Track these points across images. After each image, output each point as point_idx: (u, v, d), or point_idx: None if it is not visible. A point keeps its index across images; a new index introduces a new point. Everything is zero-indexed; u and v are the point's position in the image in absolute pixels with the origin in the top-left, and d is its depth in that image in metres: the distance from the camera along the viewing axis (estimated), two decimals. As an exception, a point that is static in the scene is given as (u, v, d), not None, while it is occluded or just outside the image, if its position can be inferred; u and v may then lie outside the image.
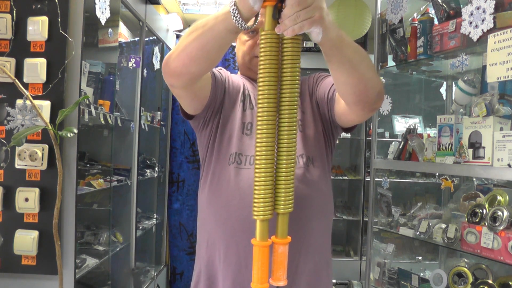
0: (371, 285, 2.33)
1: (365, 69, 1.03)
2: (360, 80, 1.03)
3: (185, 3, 3.80)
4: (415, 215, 2.14)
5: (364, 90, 1.04)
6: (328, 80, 1.25)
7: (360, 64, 1.02)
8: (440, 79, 2.56)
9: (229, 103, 1.25)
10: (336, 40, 0.98)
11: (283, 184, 0.94)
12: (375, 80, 1.06)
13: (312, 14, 0.87)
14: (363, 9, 3.24)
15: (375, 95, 1.06)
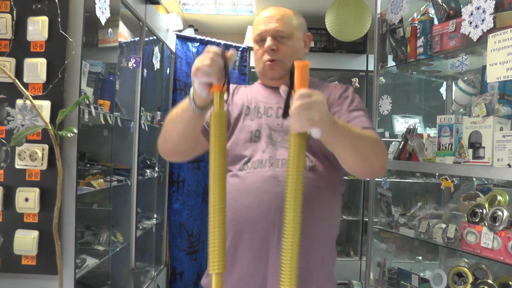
0: (371, 285, 2.33)
1: (368, 154, 1.14)
2: (362, 163, 1.14)
3: (185, 3, 3.80)
4: (415, 215, 2.14)
5: (365, 170, 1.16)
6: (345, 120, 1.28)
7: (362, 150, 1.12)
8: (440, 79, 2.56)
9: (234, 124, 1.35)
10: (335, 136, 1.07)
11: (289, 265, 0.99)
12: (378, 161, 1.17)
13: (312, 116, 0.95)
14: (363, 9, 3.24)
15: (376, 172, 1.19)
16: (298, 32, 1.39)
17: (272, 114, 1.34)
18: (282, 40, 1.35)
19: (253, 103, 1.37)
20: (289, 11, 1.41)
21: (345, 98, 1.33)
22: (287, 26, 1.36)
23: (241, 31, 4.03)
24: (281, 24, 1.35)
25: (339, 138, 1.08)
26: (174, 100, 3.59)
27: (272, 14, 1.37)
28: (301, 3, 3.64)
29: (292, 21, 1.38)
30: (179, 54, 3.60)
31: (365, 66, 4.01)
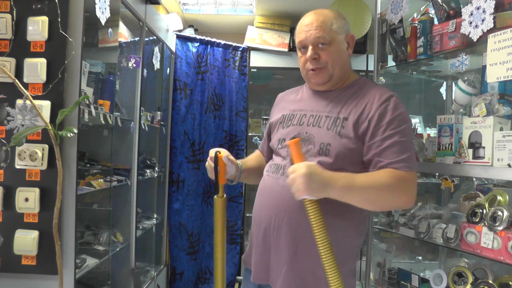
0: (371, 285, 2.33)
1: (384, 201, 1.23)
2: (380, 208, 1.38)
3: (185, 3, 3.80)
4: (415, 215, 2.14)
5: (387, 209, 1.36)
6: (377, 148, 1.29)
7: (376, 201, 1.23)
8: (440, 79, 2.56)
9: (273, 130, 1.51)
10: (337, 196, 1.20)
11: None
12: (399, 203, 1.26)
13: (298, 189, 1.16)
14: (363, 9, 3.24)
15: (401, 207, 1.35)
16: (340, 36, 1.39)
17: (304, 122, 1.38)
18: (323, 47, 1.37)
19: (291, 111, 1.45)
20: (329, 15, 1.40)
21: (382, 118, 1.29)
22: (327, 32, 1.36)
23: (241, 31, 4.03)
24: (320, 30, 1.36)
25: (344, 196, 1.20)
26: (174, 100, 3.60)
27: (312, 21, 1.39)
28: (301, 3, 3.64)
29: (332, 25, 1.37)
30: (179, 54, 3.60)
31: (365, 66, 4.00)
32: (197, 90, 3.68)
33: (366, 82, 1.43)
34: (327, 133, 1.31)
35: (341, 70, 1.40)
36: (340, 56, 1.39)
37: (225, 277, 1.37)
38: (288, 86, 1.62)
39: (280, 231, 1.33)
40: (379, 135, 1.28)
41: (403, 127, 1.29)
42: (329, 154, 1.28)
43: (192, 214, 3.62)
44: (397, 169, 1.23)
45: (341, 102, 1.36)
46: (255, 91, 4.15)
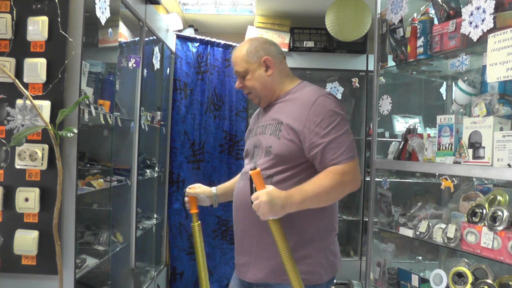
0: (371, 285, 2.33)
1: (335, 196, 1.46)
2: (333, 201, 1.50)
3: (185, 3, 3.80)
4: (415, 215, 2.14)
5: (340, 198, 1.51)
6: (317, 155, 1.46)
7: (328, 199, 1.44)
8: (440, 79, 2.56)
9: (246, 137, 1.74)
10: (297, 208, 1.39)
11: None
12: (347, 191, 1.44)
13: (263, 213, 1.35)
14: (363, 9, 3.24)
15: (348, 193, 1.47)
16: (252, 65, 1.59)
17: (257, 132, 1.61)
18: (244, 78, 1.61)
19: (251, 126, 1.70)
20: (243, 50, 1.61)
21: (314, 119, 1.46)
22: (241, 65, 1.60)
23: (241, 31, 4.03)
24: (236, 66, 1.62)
25: (300, 207, 1.39)
26: (174, 100, 3.59)
27: (232, 58, 1.65)
28: (301, 3, 3.64)
29: (244, 58, 1.60)
30: (179, 54, 3.60)
31: (365, 66, 4.01)
32: (197, 90, 3.68)
33: (302, 87, 1.60)
34: (269, 137, 1.53)
35: (265, 90, 1.60)
36: (259, 81, 1.59)
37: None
38: None
39: (243, 227, 1.58)
40: (315, 136, 1.44)
41: (335, 123, 1.45)
42: (271, 154, 1.50)
43: (192, 214, 3.62)
44: (338, 164, 1.41)
45: (280, 109, 1.56)
46: (255, 91, 4.15)
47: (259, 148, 1.56)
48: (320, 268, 1.53)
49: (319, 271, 1.53)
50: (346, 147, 1.43)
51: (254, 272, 1.56)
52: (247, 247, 1.58)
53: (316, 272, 1.52)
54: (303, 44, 3.96)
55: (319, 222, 1.54)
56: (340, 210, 4.28)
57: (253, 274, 1.56)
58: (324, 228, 1.56)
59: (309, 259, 1.51)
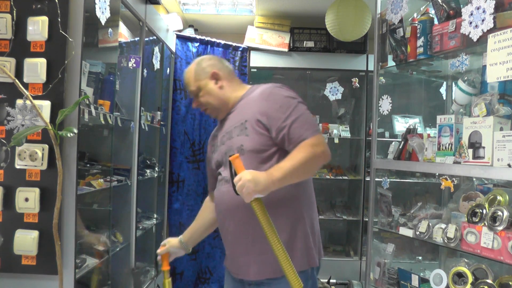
0: (371, 285, 2.33)
1: (312, 167, 1.52)
2: (311, 174, 1.59)
3: (185, 3, 3.80)
4: (415, 215, 2.14)
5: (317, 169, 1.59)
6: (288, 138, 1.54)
7: (306, 171, 1.51)
8: (440, 79, 2.56)
9: (211, 162, 1.77)
10: (280, 185, 1.45)
11: None
12: (321, 161, 1.53)
13: (248, 192, 1.38)
14: (363, 9, 3.24)
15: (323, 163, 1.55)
16: (202, 81, 1.70)
17: (224, 140, 1.66)
18: (198, 95, 1.71)
19: (216, 140, 1.73)
20: (191, 70, 1.72)
21: (273, 107, 1.55)
22: (193, 85, 1.70)
23: (241, 31, 4.03)
24: (189, 87, 1.72)
25: (282, 183, 1.45)
26: (174, 100, 3.60)
27: (184, 80, 1.76)
28: (301, 3, 3.64)
29: (193, 77, 1.70)
30: (179, 54, 3.60)
31: (365, 66, 4.01)
32: (197, 90, 3.67)
33: (253, 88, 1.70)
34: (238, 138, 1.60)
35: (220, 101, 1.70)
36: (212, 94, 1.69)
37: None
38: (288, 85, 1.67)
39: (235, 231, 1.61)
40: (278, 121, 1.54)
41: (293, 106, 1.55)
42: (244, 152, 1.56)
43: (192, 214, 3.61)
44: (306, 139, 1.50)
45: (240, 112, 1.65)
46: (255, 91, 4.14)
47: (229, 152, 1.59)
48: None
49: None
50: (309, 124, 1.55)
51: (256, 269, 1.58)
52: (244, 247, 1.60)
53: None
54: (303, 44, 3.96)
55: (285, 209, 1.62)
56: (340, 210, 4.28)
57: (256, 271, 1.58)
58: (292, 215, 1.63)
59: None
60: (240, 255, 1.62)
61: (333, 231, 4.56)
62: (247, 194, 1.38)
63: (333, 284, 3.79)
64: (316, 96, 4.44)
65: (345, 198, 4.55)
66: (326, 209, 4.32)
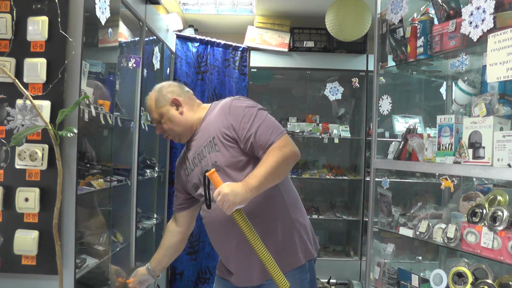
0: (371, 285, 2.33)
1: (284, 168, 1.56)
2: (286, 174, 1.62)
3: (185, 3, 3.80)
4: (415, 215, 2.14)
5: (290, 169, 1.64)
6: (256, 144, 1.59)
7: (280, 173, 1.55)
8: (440, 79, 2.56)
9: (185, 183, 1.81)
10: (258, 191, 1.49)
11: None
12: (293, 161, 1.57)
13: (229, 205, 1.42)
14: (363, 9, 3.24)
15: (294, 162, 1.60)
16: (164, 108, 1.73)
17: (196, 161, 1.70)
18: (160, 122, 1.74)
19: (186, 164, 1.77)
20: (152, 98, 1.77)
21: (237, 119, 1.61)
22: (155, 112, 1.74)
23: (241, 31, 4.03)
24: (151, 114, 1.76)
25: (260, 189, 1.49)
26: (174, 100, 3.59)
27: (147, 107, 1.78)
28: (301, 3, 3.64)
29: (155, 105, 1.74)
30: (179, 54, 3.60)
31: (365, 66, 4.01)
32: (197, 90, 3.68)
33: (214, 106, 1.75)
34: (210, 155, 1.65)
35: (182, 127, 1.74)
36: (174, 121, 1.73)
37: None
38: (288, 85, 1.70)
39: (236, 239, 1.62)
40: (244, 134, 1.59)
41: (254, 114, 1.61)
42: (220, 168, 1.61)
43: (192, 214, 3.61)
44: (273, 142, 1.56)
45: (205, 132, 1.70)
46: (255, 91, 4.15)
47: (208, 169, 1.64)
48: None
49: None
50: (273, 127, 1.59)
51: (258, 273, 1.64)
52: (244, 255, 1.64)
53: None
54: (303, 44, 3.97)
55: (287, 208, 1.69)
56: (340, 210, 4.28)
57: (258, 275, 1.64)
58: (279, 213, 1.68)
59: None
60: (242, 263, 1.66)
61: (333, 231, 4.56)
62: (228, 207, 1.43)
63: (333, 284, 3.79)
64: (316, 96, 4.44)
65: (345, 198, 4.55)
66: (326, 209, 4.32)
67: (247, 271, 1.66)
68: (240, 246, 1.64)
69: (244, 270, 1.67)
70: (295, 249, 1.66)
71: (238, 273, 1.70)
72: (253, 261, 1.62)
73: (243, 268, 1.67)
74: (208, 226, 1.74)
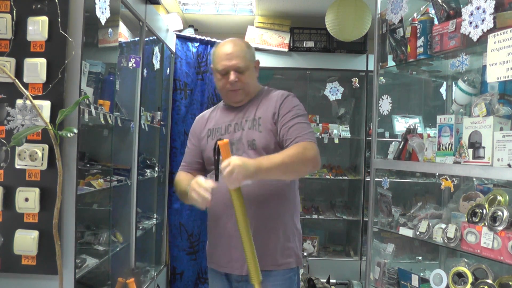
0: (371, 285, 2.33)
1: (297, 168, 1.54)
2: (295, 176, 1.64)
3: (185, 3, 3.80)
4: (415, 215, 2.14)
5: (299, 176, 1.67)
6: (287, 128, 1.63)
7: (291, 169, 1.52)
8: (440, 79, 2.56)
9: (203, 145, 1.79)
10: (265, 175, 1.47)
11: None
12: (309, 167, 1.56)
13: (237, 177, 1.38)
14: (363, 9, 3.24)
15: (309, 172, 1.60)
16: (251, 63, 1.73)
17: (230, 130, 1.70)
18: (241, 73, 1.69)
19: (216, 125, 1.75)
20: (243, 46, 1.75)
21: (285, 109, 1.65)
22: (244, 61, 1.69)
23: (241, 31, 4.03)
24: (240, 60, 1.69)
25: (269, 174, 1.48)
26: (174, 100, 3.59)
27: (232, 51, 1.71)
28: (301, 3, 3.64)
29: (247, 55, 1.72)
30: (179, 54, 3.60)
31: (365, 66, 4.01)
32: (197, 90, 3.68)
33: (269, 89, 1.78)
34: (250, 132, 1.65)
35: (253, 89, 1.74)
36: (252, 80, 1.73)
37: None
38: (288, 85, 1.73)
39: (236, 223, 1.56)
40: (285, 121, 1.63)
41: (301, 114, 1.66)
42: (256, 147, 1.62)
43: (192, 214, 3.61)
44: (302, 140, 1.57)
45: (254, 107, 1.71)
46: (255, 91, 4.13)
47: (237, 144, 1.65)
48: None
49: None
50: (310, 132, 1.63)
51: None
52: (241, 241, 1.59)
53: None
54: (303, 44, 3.96)
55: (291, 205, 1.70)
56: (340, 210, 4.28)
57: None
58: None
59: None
60: (237, 249, 1.61)
61: (333, 231, 4.56)
62: (235, 179, 1.38)
63: (333, 284, 3.79)
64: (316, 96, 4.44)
65: (345, 198, 4.55)
66: (326, 209, 4.32)
67: (237, 257, 1.63)
68: (236, 229, 1.59)
69: (232, 255, 1.65)
70: (291, 251, 1.68)
71: (224, 256, 1.69)
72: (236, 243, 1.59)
73: (231, 252, 1.65)
74: (215, 194, 1.66)
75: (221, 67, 1.69)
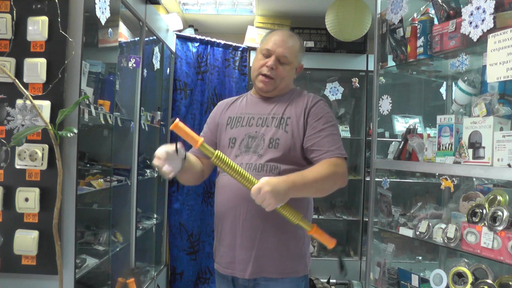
0: (371, 285, 2.33)
1: (328, 187, 1.51)
2: (324, 194, 1.53)
3: (185, 3, 3.80)
4: (415, 215, 2.14)
5: (328, 194, 1.54)
6: (315, 133, 1.58)
7: (322, 189, 1.50)
8: (440, 79, 2.56)
9: (219, 133, 1.70)
10: (297, 194, 1.44)
11: None
12: (338, 185, 1.52)
13: (269, 204, 1.34)
14: (363, 9, 3.24)
15: (337, 188, 1.54)
16: (296, 62, 1.71)
17: (253, 123, 1.64)
18: (282, 64, 1.66)
19: (238, 114, 1.69)
20: (298, 43, 1.72)
21: (316, 115, 1.61)
22: (291, 55, 1.66)
23: (241, 31, 4.03)
24: (289, 51, 1.66)
25: (301, 194, 1.47)
26: (174, 100, 3.59)
27: (285, 40, 1.67)
28: (301, 3, 3.64)
29: (296, 51, 1.69)
30: (179, 54, 3.60)
31: (365, 66, 4.01)
32: (197, 90, 3.68)
33: (300, 91, 1.74)
34: (275, 130, 1.59)
35: (285, 85, 1.70)
36: (289, 76, 1.70)
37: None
38: None
39: (244, 221, 1.56)
40: (315, 129, 1.58)
41: (332, 124, 1.61)
42: (278, 146, 1.56)
43: (192, 214, 3.62)
44: (332, 156, 1.53)
45: (283, 105, 1.66)
46: (255, 91, 4.14)
47: (258, 139, 1.59)
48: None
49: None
50: (340, 144, 1.58)
51: (255, 267, 1.55)
52: (248, 242, 1.55)
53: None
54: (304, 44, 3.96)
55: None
56: (340, 210, 4.28)
57: (254, 269, 1.55)
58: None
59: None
60: (242, 249, 1.56)
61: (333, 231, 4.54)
62: (268, 206, 1.35)
63: (333, 284, 3.79)
64: (316, 96, 4.44)
65: (345, 198, 4.55)
66: (326, 209, 4.32)
67: (241, 259, 1.57)
68: (245, 228, 1.55)
69: (236, 256, 1.58)
70: (300, 259, 1.63)
71: (227, 256, 1.61)
72: (255, 249, 1.55)
73: (236, 253, 1.58)
74: (220, 194, 1.63)
75: (269, 47, 1.65)
